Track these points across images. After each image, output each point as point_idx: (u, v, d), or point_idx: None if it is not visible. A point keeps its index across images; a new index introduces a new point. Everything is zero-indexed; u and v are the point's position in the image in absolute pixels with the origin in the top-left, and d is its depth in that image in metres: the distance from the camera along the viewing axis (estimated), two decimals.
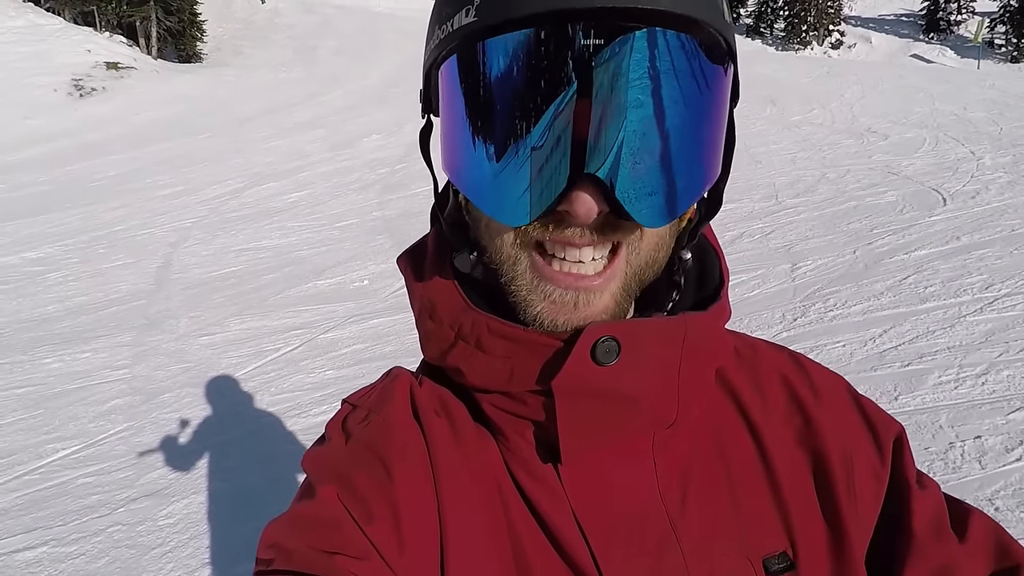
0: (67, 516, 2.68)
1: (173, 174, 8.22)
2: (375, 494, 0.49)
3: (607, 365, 0.47)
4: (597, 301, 0.48)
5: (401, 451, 0.51)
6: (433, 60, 0.49)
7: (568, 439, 0.50)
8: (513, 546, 0.51)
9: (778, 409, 0.59)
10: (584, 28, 0.40)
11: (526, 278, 0.48)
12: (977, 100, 10.13)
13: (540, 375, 0.49)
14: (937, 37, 31.34)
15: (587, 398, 0.48)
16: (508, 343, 0.49)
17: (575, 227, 0.45)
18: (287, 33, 20.14)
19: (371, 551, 0.46)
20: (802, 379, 0.61)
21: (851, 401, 0.62)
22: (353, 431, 0.53)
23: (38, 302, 4.93)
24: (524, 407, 0.51)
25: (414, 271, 0.57)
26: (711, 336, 0.53)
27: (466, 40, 0.44)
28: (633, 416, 0.50)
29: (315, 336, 4.12)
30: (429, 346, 0.55)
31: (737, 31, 33.87)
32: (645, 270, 0.50)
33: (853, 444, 0.59)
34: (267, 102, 12.25)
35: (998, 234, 4.76)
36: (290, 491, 2.41)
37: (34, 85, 12.68)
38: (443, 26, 0.47)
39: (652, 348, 0.49)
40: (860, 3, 36.77)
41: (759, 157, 7.60)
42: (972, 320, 3.58)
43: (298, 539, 0.47)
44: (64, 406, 3.51)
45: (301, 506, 0.50)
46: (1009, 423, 2.71)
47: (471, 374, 0.52)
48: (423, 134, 0.55)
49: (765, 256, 4.78)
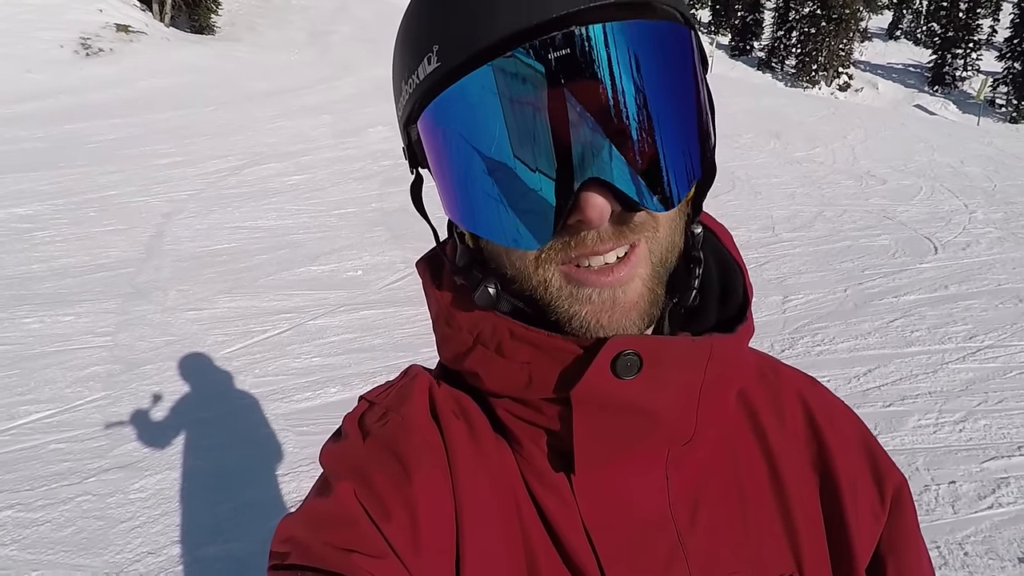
0: (35, 481, 2.63)
1: (174, 144, 8.13)
2: (392, 493, 0.48)
3: (627, 379, 0.47)
4: (631, 290, 0.47)
5: (419, 451, 0.51)
6: (408, 115, 0.50)
7: (583, 450, 0.50)
8: (526, 553, 0.51)
9: (795, 432, 0.60)
10: (545, 44, 0.41)
11: (564, 292, 0.48)
12: (975, 155, 10.33)
13: (558, 383, 0.48)
14: (941, 90, 31.92)
15: (604, 410, 0.48)
16: (530, 348, 0.49)
17: (593, 232, 0.45)
18: (303, 15, 20.04)
19: (387, 550, 0.46)
20: (821, 406, 0.62)
21: (862, 441, 0.63)
22: (371, 428, 0.53)
23: (22, 260, 4.84)
24: (540, 415, 0.51)
25: (432, 277, 0.57)
26: (735, 359, 0.53)
27: (436, 87, 0.45)
28: (650, 432, 0.50)
29: (304, 321, 4.09)
30: (446, 349, 0.55)
31: (749, 63, 34.38)
32: (667, 255, 0.50)
33: (858, 480, 0.60)
34: (276, 82, 12.17)
35: (985, 287, 4.85)
36: (266, 476, 2.38)
37: (40, 39, 12.48)
38: (409, 80, 0.48)
39: (675, 368, 0.49)
40: (871, 49, 37.42)
41: (759, 189, 7.69)
42: (954, 368, 3.64)
43: (314, 535, 0.47)
44: (41, 368, 3.45)
45: (318, 502, 0.50)
46: (983, 471, 2.75)
47: (488, 379, 0.51)
48: (414, 189, 0.56)
49: (759, 286, 4.82)
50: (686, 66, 0.46)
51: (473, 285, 0.52)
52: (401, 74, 0.49)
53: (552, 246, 0.46)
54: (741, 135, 10.59)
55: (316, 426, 2.99)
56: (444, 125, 0.46)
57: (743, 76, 29.22)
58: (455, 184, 0.47)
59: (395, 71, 0.51)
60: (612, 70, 0.42)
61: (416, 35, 0.47)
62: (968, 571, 2.24)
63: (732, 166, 8.63)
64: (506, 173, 0.44)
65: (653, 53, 0.44)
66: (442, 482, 0.50)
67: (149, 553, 2.29)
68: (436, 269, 0.57)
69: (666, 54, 0.45)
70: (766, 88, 21.85)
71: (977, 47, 33.04)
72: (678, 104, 0.46)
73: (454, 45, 0.44)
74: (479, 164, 0.45)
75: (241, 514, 2.48)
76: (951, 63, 32.73)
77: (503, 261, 0.50)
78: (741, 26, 36.81)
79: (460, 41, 0.43)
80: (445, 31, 0.44)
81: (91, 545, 2.32)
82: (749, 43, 36.53)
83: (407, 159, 0.54)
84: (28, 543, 2.32)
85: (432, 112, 0.46)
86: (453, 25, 0.44)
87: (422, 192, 0.56)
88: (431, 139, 0.48)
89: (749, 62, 35.07)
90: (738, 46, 36.47)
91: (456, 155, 0.46)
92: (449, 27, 0.44)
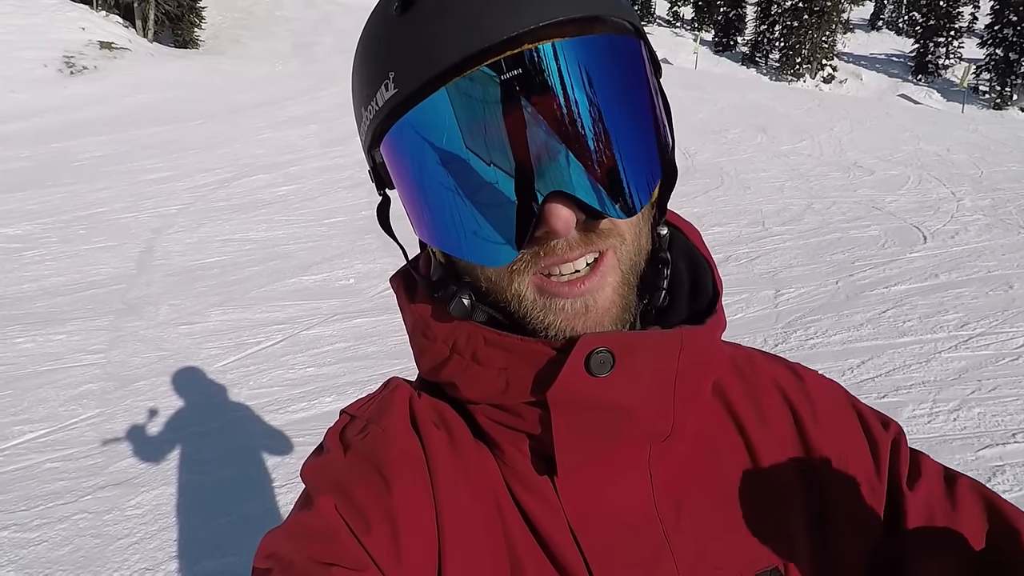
0: (31, 501, 2.61)
1: (161, 159, 8.10)
2: (373, 505, 0.48)
3: (601, 376, 0.47)
4: (601, 297, 0.48)
5: (399, 462, 0.51)
6: (370, 140, 0.51)
7: (563, 451, 0.50)
8: (511, 558, 0.51)
9: (774, 423, 0.60)
10: (498, 65, 0.42)
11: (537, 304, 0.49)
12: (960, 143, 10.40)
13: (535, 386, 0.49)
14: (925, 79, 32.20)
15: (581, 409, 0.49)
16: (504, 353, 0.49)
17: (562, 241, 0.46)
18: (287, 26, 20.04)
19: (368, 562, 0.46)
20: (799, 392, 0.62)
21: (849, 409, 0.62)
22: (352, 442, 0.53)
23: (13, 280, 4.82)
24: (520, 420, 0.51)
25: (407, 291, 0.57)
26: (707, 349, 0.54)
27: (395, 112, 0.46)
28: (628, 428, 0.50)
29: (297, 332, 4.08)
30: (424, 361, 0.55)
31: (733, 59, 34.57)
32: (636, 259, 0.51)
33: (850, 455, 0.59)
34: (262, 94, 12.15)
35: (975, 274, 4.88)
36: (263, 488, 2.37)
37: (23, 59, 12.43)
38: (368, 107, 0.49)
39: (647, 361, 0.49)
40: (853, 41, 37.71)
41: (748, 183, 7.72)
42: (947, 356, 3.66)
43: (296, 550, 0.47)
44: (34, 388, 3.43)
45: (299, 517, 0.50)
46: (979, 459, 2.77)
47: (466, 387, 0.52)
48: (380, 211, 0.57)
49: (750, 281, 4.84)
50: (638, 75, 0.47)
51: (448, 298, 0.52)
52: (360, 100, 0.50)
53: (523, 257, 0.47)
54: (728, 130, 10.63)
55: (312, 436, 2.98)
56: (405, 149, 0.47)
57: (728, 71, 29.37)
58: (421, 205, 0.48)
59: (354, 96, 0.52)
60: (565, 85, 0.43)
61: (373, 62, 0.48)
62: None
63: (720, 161, 8.67)
64: (470, 192, 0.45)
65: (604, 66, 0.45)
66: (423, 492, 0.50)
67: (147, 570, 2.28)
68: (411, 283, 0.58)
69: (617, 66, 0.46)
70: (751, 83, 21.97)
71: (959, 35, 33.34)
72: (631, 113, 0.47)
73: (409, 71, 0.45)
74: (443, 185, 0.46)
75: (239, 527, 2.47)
76: (933, 52, 33.02)
77: (477, 274, 0.51)
78: (724, 22, 37.01)
79: (415, 67, 0.44)
80: (400, 57, 0.45)
81: (88, 563, 2.31)
82: (733, 38, 36.74)
83: (373, 182, 0.55)
84: (25, 563, 2.30)
85: (393, 137, 0.47)
86: (407, 51, 0.45)
87: (389, 212, 0.57)
88: (394, 163, 0.49)
89: (733, 57, 35.26)
90: (722, 42, 36.67)
91: (420, 177, 0.47)
92: (404, 53, 0.45)
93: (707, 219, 6.29)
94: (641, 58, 0.48)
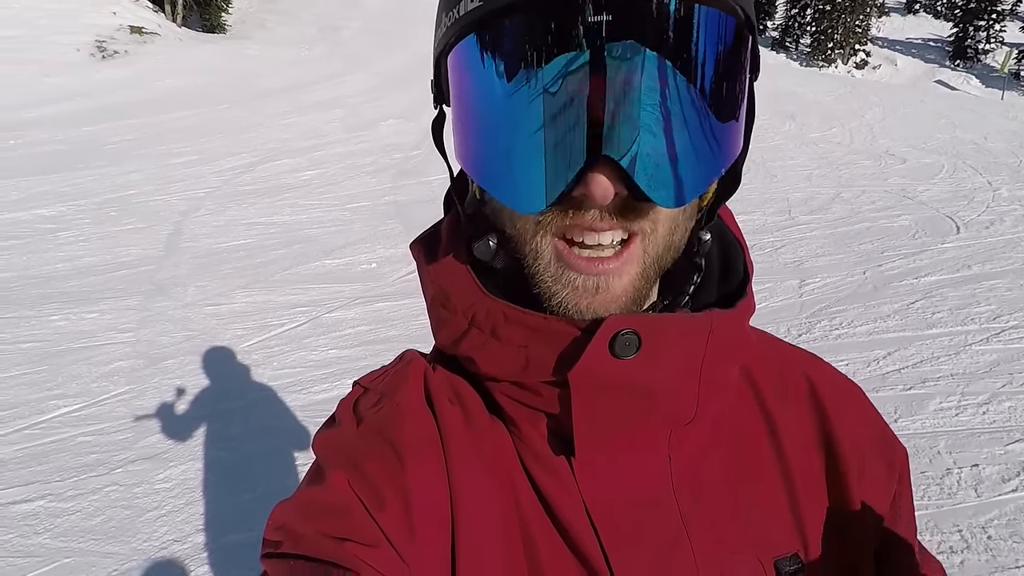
0: (65, 472, 2.71)
1: (189, 143, 8.23)
2: (386, 481, 0.48)
3: (625, 359, 0.46)
4: (616, 284, 0.47)
5: (413, 438, 0.50)
6: (442, 48, 0.48)
7: (582, 432, 0.49)
8: (524, 537, 0.50)
9: (800, 411, 0.59)
10: (593, 5, 0.38)
11: (551, 269, 0.47)
12: (998, 131, 10.06)
13: (556, 365, 0.48)
14: (963, 64, 31.06)
15: (603, 391, 0.47)
16: (525, 331, 0.48)
17: (594, 210, 0.44)
18: (312, 10, 20.06)
19: (381, 538, 0.46)
20: (825, 384, 0.61)
21: (869, 414, 0.62)
22: (365, 415, 0.53)
23: (47, 259, 4.95)
24: (538, 398, 0.50)
25: (427, 258, 0.56)
26: (736, 334, 0.52)
27: (472, 25, 0.43)
28: (650, 412, 0.49)
29: (320, 315, 4.14)
30: (442, 334, 0.54)
31: (763, 44, 33.69)
32: (663, 255, 0.48)
33: (867, 455, 0.59)
34: (288, 78, 12.23)
35: (1009, 266, 4.74)
36: (286, 465, 2.42)
37: (57, 43, 12.66)
38: (450, 13, 0.46)
39: (674, 345, 0.48)
40: (889, 25, 36.48)
41: (775, 171, 7.57)
42: (977, 349, 3.57)
43: (307, 524, 0.47)
44: (68, 364, 3.54)
45: (311, 490, 0.50)
46: (1008, 454, 2.71)
47: (484, 363, 0.51)
48: (436, 124, 0.54)
49: (775, 270, 4.77)
50: (737, 70, 0.44)
51: (477, 235, 0.51)
52: (444, 5, 0.48)
53: (552, 212, 0.45)
54: (756, 117, 10.42)
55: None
56: (472, 66, 0.44)
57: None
58: (470, 128, 0.46)
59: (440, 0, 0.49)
60: (662, 52, 0.39)
61: None
62: (991, 554, 2.21)
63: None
64: (523, 130, 0.42)
65: (709, 47, 0.41)
66: (436, 469, 0.49)
67: (175, 541, 2.35)
68: (431, 249, 0.57)
69: (727, 51, 0.42)
70: (781, 68, 21.46)
71: (1000, 18, 32.01)
72: (720, 104, 0.43)
73: None
74: (498, 114, 0.43)
75: (263, 503, 2.53)
76: (973, 36, 31.77)
77: (505, 218, 0.49)
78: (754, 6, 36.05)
79: None
80: None
81: (119, 533, 2.39)
82: (762, 22, 35.82)
83: (432, 93, 0.53)
84: (60, 531, 2.40)
85: (463, 50, 0.44)
86: None
87: (443, 132, 0.54)
88: (457, 77, 0.46)
89: (763, 42, 34.33)
90: None
91: (478, 100, 0.44)
92: None
93: (732, 207, 6.13)
94: (747, 52, 0.45)
